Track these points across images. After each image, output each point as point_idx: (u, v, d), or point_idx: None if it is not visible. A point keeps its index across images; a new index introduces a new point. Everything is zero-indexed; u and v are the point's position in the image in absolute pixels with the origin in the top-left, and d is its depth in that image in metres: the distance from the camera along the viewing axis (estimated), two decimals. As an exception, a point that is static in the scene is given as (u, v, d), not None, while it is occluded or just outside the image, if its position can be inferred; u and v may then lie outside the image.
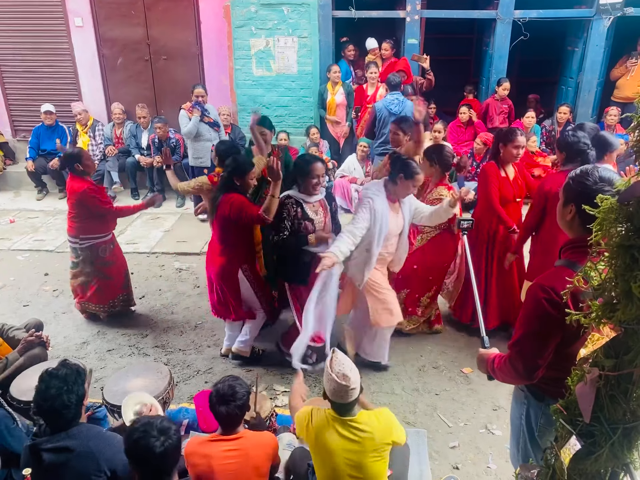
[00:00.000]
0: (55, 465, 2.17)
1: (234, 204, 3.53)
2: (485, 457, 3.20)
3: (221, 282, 3.78)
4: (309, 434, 2.35)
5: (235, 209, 3.52)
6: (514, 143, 3.84)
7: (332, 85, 7.00)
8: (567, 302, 1.75)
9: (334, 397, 2.26)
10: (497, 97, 6.99)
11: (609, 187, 1.82)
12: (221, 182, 3.72)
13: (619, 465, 1.40)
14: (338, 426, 2.30)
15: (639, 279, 1.19)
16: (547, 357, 1.89)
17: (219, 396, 2.39)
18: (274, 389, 3.77)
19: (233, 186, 3.62)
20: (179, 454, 2.15)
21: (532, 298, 1.89)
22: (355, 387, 2.25)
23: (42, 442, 2.19)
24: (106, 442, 2.27)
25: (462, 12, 7.59)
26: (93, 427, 2.35)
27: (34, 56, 7.78)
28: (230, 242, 3.71)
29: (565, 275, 1.80)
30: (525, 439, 2.20)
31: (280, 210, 3.55)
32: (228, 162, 3.69)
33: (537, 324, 1.88)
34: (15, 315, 4.63)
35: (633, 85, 6.99)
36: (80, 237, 4.25)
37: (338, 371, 2.25)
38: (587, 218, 1.73)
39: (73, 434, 2.22)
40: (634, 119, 1.23)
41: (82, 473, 2.18)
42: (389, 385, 3.81)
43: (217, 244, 3.80)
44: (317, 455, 2.35)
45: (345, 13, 7.13)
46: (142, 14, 7.50)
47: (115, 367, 3.99)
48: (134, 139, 7.37)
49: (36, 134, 7.44)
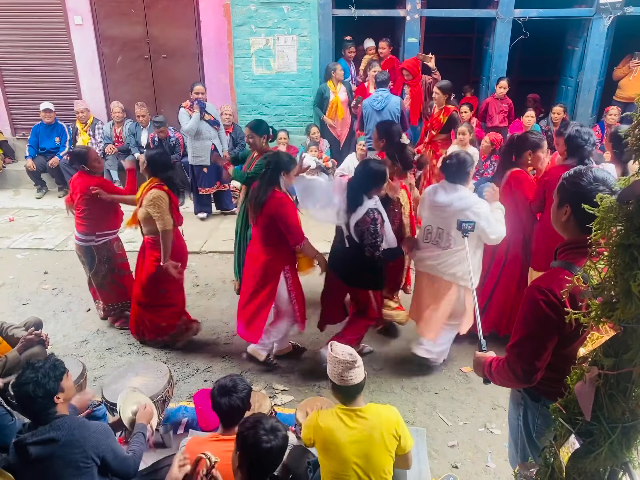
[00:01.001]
0: (43, 458, 2.20)
1: (282, 209, 3.48)
2: (484, 456, 3.20)
3: (261, 283, 3.65)
4: (317, 432, 2.38)
5: (282, 215, 3.47)
6: (543, 148, 3.75)
7: (334, 84, 7.00)
8: (564, 304, 1.76)
9: (341, 380, 2.32)
10: (497, 96, 6.98)
11: (603, 187, 1.82)
12: (265, 178, 3.58)
13: (618, 464, 1.40)
14: (346, 419, 2.35)
15: (638, 278, 1.19)
16: (545, 359, 1.89)
17: (221, 388, 2.44)
18: (273, 387, 3.77)
19: (278, 183, 3.54)
20: (283, 455, 2.14)
21: (530, 300, 1.88)
22: (360, 365, 2.33)
23: (26, 437, 2.23)
24: (90, 430, 2.30)
25: (462, 11, 7.59)
26: (76, 418, 2.38)
27: (34, 54, 7.77)
28: (274, 240, 3.60)
29: (562, 277, 1.80)
30: (524, 439, 2.20)
31: (373, 226, 3.38)
32: (271, 157, 3.62)
33: (535, 327, 1.87)
34: (14, 313, 4.63)
35: (636, 85, 7.00)
36: (96, 234, 4.21)
37: (342, 351, 2.33)
38: (583, 219, 1.77)
39: (57, 425, 2.25)
40: (634, 117, 1.23)
41: (69, 461, 2.22)
42: (388, 384, 3.81)
43: (258, 243, 3.69)
44: (326, 452, 2.37)
45: (345, 12, 7.13)
46: (141, 12, 7.49)
47: (114, 366, 3.99)
48: (134, 138, 7.36)
49: (35, 133, 7.42)
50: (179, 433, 3.32)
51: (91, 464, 2.26)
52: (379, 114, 6.01)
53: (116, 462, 2.35)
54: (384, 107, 6.01)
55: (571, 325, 1.78)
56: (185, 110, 6.21)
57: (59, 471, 2.22)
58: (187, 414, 3.47)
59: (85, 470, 2.25)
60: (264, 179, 3.57)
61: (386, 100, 6.02)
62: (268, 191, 3.52)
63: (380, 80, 6.15)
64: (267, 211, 3.51)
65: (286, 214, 3.50)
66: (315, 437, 2.39)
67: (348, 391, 2.35)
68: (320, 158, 6.90)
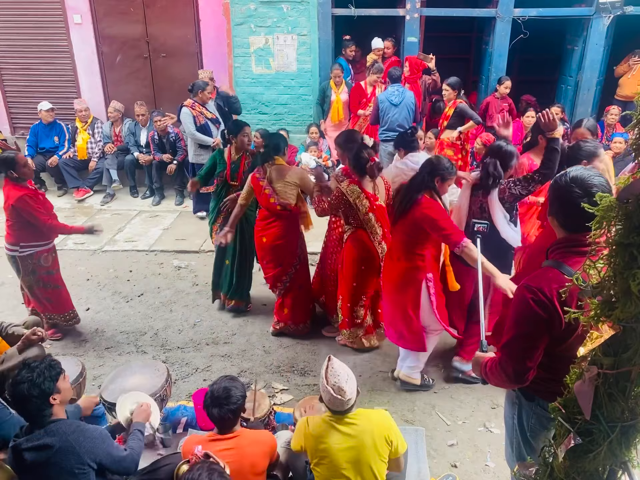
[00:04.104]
0: (38, 464, 2.18)
1: (431, 216, 3.16)
2: (483, 455, 3.20)
3: (399, 294, 3.43)
4: (307, 440, 2.37)
5: (430, 222, 3.17)
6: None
7: (335, 84, 6.99)
8: (553, 302, 1.78)
9: (331, 406, 2.30)
10: (498, 95, 6.98)
11: (577, 188, 1.86)
12: (417, 181, 3.29)
13: (617, 463, 1.40)
14: (337, 424, 2.32)
15: (637, 277, 1.18)
16: (537, 359, 1.89)
17: (213, 398, 2.39)
18: (273, 387, 3.77)
19: (430, 188, 3.27)
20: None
21: (519, 299, 1.90)
22: (351, 397, 2.27)
23: (22, 442, 2.21)
24: (85, 435, 2.28)
25: (462, 11, 7.60)
26: (72, 422, 2.35)
27: (33, 53, 7.76)
28: (417, 248, 3.34)
29: (551, 276, 1.84)
30: (519, 438, 2.21)
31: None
32: (427, 161, 3.35)
33: (525, 325, 1.88)
34: (13, 313, 4.63)
35: (634, 83, 7.01)
36: (20, 245, 3.98)
37: (334, 384, 2.26)
38: (564, 218, 1.91)
39: (51, 430, 2.23)
40: (633, 117, 1.23)
41: (65, 468, 2.19)
42: (386, 383, 3.81)
43: (399, 247, 3.43)
44: (317, 459, 2.36)
45: (344, 11, 7.13)
46: (141, 11, 7.48)
47: (113, 365, 3.98)
48: (133, 137, 7.35)
49: (34, 132, 7.40)
50: (178, 432, 3.32)
51: (87, 470, 2.23)
52: (397, 107, 6.25)
53: (114, 464, 2.33)
54: (401, 101, 6.27)
55: (561, 324, 1.79)
56: (188, 110, 6.18)
57: (54, 477, 2.20)
58: (186, 414, 3.47)
59: (82, 476, 2.23)
60: (417, 182, 3.28)
61: (403, 95, 6.29)
62: (416, 197, 3.23)
63: (395, 76, 6.43)
64: (415, 215, 3.22)
65: (435, 217, 3.17)
66: (305, 445, 2.38)
67: (337, 412, 2.33)
68: (320, 157, 6.90)
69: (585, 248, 1.82)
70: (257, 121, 7.46)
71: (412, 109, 6.35)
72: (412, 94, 6.44)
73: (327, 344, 4.24)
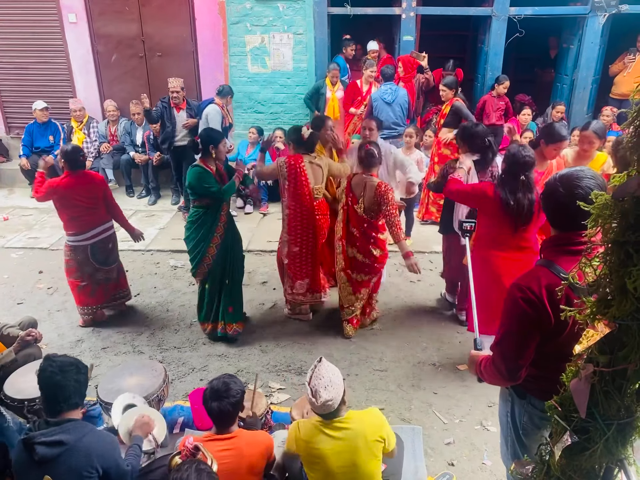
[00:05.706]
0: (48, 459, 2.14)
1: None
2: (480, 453, 3.20)
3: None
4: (299, 445, 2.36)
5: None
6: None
7: (331, 82, 6.98)
8: (543, 300, 1.79)
9: (311, 407, 2.29)
10: (495, 94, 6.99)
11: (562, 187, 1.87)
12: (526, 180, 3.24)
13: (614, 461, 1.41)
14: (327, 429, 2.30)
15: (633, 275, 1.18)
16: (529, 357, 1.91)
17: (213, 392, 2.39)
18: (270, 386, 3.77)
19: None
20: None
21: (510, 298, 1.92)
22: (330, 400, 2.21)
23: (36, 435, 2.16)
24: (100, 439, 2.26)
25: (458, 9, 7.61)
26: (87, 424, 2.33)
27: (28, 52, 7.73)
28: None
29: (540, 274, 1.87)
30: (513, 437, 2.22)
31: None
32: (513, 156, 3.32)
33: (515, 324, 1.90)
34: (9, 313, 4.60)
35: (630, 81, 7.02)
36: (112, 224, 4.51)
37: (313, 385, 2.24)
38: (552, 218, 1.97)
39: (67, 428, 2.20)
40: (629, 114, 1.23)
41: (74, 468, 2.16)
42: (384, 382, 3.81)
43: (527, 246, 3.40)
44: (310, 464, 2.36)
45: (340, 10, 7.12)
46: (136, 10, 7.46)
47: (110, 365, 3.97)
48: (129, 136, 7.33)
49: (29, 132, 7.36)
50: (174, 432, 3.30)
51: (94, 474, 2.20)
52: (390, 105, 6.27)
53: (117, 477, 2.29)
54: (394, 99, 6.29)
55: (550, 322, 1.81)
56: (219, 109, 6.30)
57: (61, 477, 2.15)
58: (182, 413, 3.46)
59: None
60: (527, 182, 3.26)
61: (396, 93, 6.33)
62: (534, 190, 3.25)
63: (387, 75, 6.47)
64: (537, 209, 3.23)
65: None
66: (298, 450, 2.37)
67: (324, 415, 2.30)
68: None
69: (575, 247, 1.84)
70: (254, 120, 7.46)
71: (405, 107, 6.38)
72: (406, 91, 6.47)
73: (324, 343, 4.24)
